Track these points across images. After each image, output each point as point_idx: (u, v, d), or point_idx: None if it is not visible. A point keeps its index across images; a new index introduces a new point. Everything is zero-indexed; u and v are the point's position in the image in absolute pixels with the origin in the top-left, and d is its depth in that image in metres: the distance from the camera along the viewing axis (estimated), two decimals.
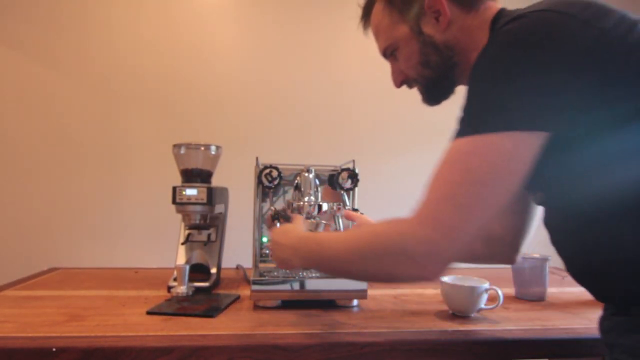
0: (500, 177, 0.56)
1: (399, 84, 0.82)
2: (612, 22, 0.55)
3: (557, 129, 0.56)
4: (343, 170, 1.15)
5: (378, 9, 0.78)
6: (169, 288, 1.09)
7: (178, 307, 0.94)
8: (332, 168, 1.19)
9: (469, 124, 0.59)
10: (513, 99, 0.56)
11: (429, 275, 0.58)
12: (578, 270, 0.66)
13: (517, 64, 0.56)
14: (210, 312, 0.91)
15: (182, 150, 1.16)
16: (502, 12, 0.69)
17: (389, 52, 0.79)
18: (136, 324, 0.83)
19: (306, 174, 1.06)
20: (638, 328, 0.57)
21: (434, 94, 0.79)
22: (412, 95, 0.82)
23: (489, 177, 0.55)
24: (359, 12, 0.82)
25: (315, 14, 1.69)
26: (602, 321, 0.65)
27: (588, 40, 0.54)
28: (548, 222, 0.68)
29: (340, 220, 1.11)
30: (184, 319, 0.87)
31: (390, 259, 0.60)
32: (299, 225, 0.85)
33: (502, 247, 0.86)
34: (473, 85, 0.61)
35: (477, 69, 0.61)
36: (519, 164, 0.56)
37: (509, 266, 0.99)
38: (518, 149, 0.55)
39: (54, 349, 0.70)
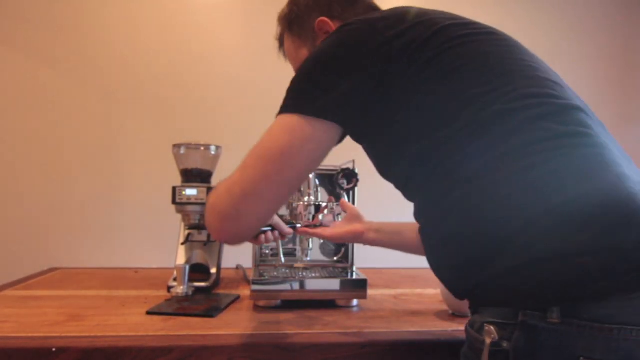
0: (284, 158, 0.61)
1: None
2: (397, 31, 0.61)
3: (344, 122, 0.63)
4: (343, 170, 1.15)
5: (286, 38, 0.87)
6: (169, 288, 1.09)
7: (178, 307, 0.94)
8: (332, 168, 1.19)
9: (282, 104, 0.65)
10: (306, 87, 0.63)
11: (214, 230, 0.64)
12: (431, 264, 0.67)
13: (318, 62, 0.64)
14: (210, 312, 0.91)
15: (182, 150, 1.16)
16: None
17: None
18: (136, 324, 0.83)
19: None
20: (466, 339, 0.59)
21: None
22: None
23: (276, 155, 0.61)
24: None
25: None
26: None
27: (374, 46, 0.60)
28: (414, 216, 0.70)
29: (340, 217, 1.11)
30: (184, 319, 0.87)
31: (208, 203, 0.66)
32: None
33: None
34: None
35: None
36: (304, 151, 0.61)
37: None
38: (304, 135, 0.61)
39: (53, 349, 0.70)
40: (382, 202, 1.37)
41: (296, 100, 0.63)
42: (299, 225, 0.97)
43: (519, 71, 0.60)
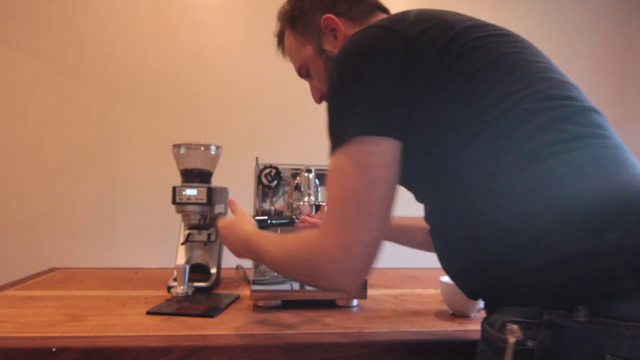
0: (367, 187, 0.58)
1: (318, 100, 0.88)
2: (419, 31, 0.60)
3: (398, 133, 0.59)
4: None
5: (287, 35, 0.86)
6: (169, 288, 1.09)
7: (178, 307, 0.94)
8: None
9: (331, 141, 0.62)
10: (350, 110, 0.60)
11: (343, 288, 0.61)
12: (445, 265, 0.67)
13: (347, 78, 0.61)
14: (210, 312, 0.91)
15: (182, 150, 1.16)
16: (354, 33, 0.70)
17: (303, 72, 0.86)
18: (136, 324, 0.83)
19: (306, 174, 1.06)
20: (483, 338, 0.59)
21: None
22: None
23: (357, 189, 0.58)
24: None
25: None
26: None
27: (400, 49, 0.59)
28: (425, 218, 0.70)
29: None
30: (184, 319, 0.87)
31: (308, 273, 0.64)
32: (242, 221, 0.84)
33: None
34: (327, 101, 0.65)
35: (327, 84, 0.65)
36: (379, 171, 0.59)
37: None
38: (371, 157, 0.58)
39: (53, 349, 0.70)
40: None
41: (351, 130, 0.59)
42: (297, 221, 0.98)
43: (538, 73, 0.61)
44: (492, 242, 0.56)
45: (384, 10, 0.82)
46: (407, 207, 0.79)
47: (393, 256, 1.21)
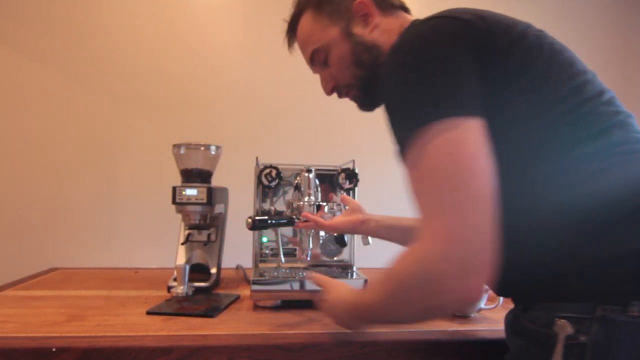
0: (464, 165, 0.52)
1: (329, 91, 0.85)
2: (486, 25, 0.60)
3: (481, 113, 0.56)
4: (343, 170, 1.15)
5: (307, 17, 0.82)
6: (169, 288, 1.09)
7: (178, 307, 0.94)
8: (332, 168, 1.19)
9: (405, 131, 0.57)
10: (430, 93, 0.56)
11: (468, 292, 0.52)
12: None
13: (424, 62, 0.57)
14: (210, 312, 0.91)
15: (182, 150, 1.16)
16: (414, 23, 0.69)
17: (321, 57, 0.81)
18: (136, 324, 0.83)
19: (306, 174, 1.06)
20: (520, 334, 0.59)
21: (369, 96, 0.82)
22: None
23: (453, 170, 0.52)
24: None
25: None
26: (506, 315, 0.66)
27: (473, 36, 0.59)
28: None
29: None
30: (184, 319, 0.87)
31: (420, 294, 0.54)
32: (339, 292, 0.76)
33: None
34: (390, 96, 0.61)
35: (387, 78, 0.62)
36: (474, 147, 0.54)
37: None
38: (463, 135, 0.54)
39: (53, 349, 0.70)
40: (382, 202, 1.38)
41: (436, 113, 0.54)
42: (297, 220, 0.97)
43: (590, 78, 0.62)
44: (543, 239, 0.56)
45: (406, 10, 0.82)
46: (405, 207, 0.79)
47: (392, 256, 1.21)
